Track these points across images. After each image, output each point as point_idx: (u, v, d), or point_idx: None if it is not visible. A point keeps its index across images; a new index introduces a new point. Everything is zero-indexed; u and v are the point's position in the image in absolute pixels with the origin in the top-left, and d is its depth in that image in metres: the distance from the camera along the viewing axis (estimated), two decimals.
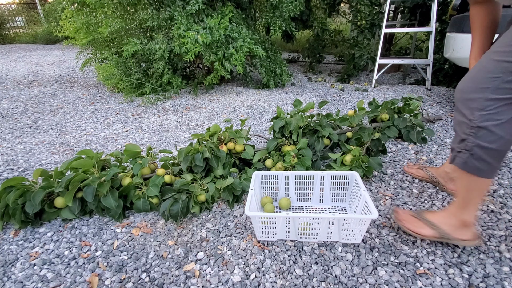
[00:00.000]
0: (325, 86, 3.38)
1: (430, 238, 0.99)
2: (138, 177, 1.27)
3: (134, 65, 3.07)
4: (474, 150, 0.82)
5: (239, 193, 1.27)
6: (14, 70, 4.48)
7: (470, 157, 0.83)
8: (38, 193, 1.14)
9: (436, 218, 1.00)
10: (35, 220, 1.16)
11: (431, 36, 2.98)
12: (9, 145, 1.98)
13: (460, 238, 0.95)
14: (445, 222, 0.97)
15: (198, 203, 1.22)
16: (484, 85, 0.77)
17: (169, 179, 1.31)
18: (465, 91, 0.81)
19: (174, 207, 1.15)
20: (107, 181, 1.19)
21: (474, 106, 0.79)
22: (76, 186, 1.16)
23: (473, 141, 0.81)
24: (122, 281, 0.91)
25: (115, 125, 2.33)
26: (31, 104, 2.90)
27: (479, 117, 0.78)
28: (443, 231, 0.96)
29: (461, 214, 0.94)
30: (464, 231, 0.95)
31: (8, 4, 9.72)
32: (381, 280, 0.88)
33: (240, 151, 1.46)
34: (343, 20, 6.74)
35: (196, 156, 1.33)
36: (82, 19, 2.95)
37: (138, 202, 1.23)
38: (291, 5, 2.90)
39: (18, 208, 1.13)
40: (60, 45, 7.82)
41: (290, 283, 0.88)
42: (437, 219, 0.99)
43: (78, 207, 1.18)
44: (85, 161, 1.23)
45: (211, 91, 3.25)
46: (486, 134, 0.79)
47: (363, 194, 1.07)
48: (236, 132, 1.49)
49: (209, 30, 2.65)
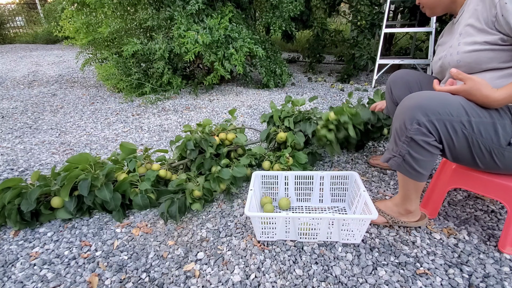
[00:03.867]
0: (325, 86, 3.38)
1: (381, 224, 1.10)
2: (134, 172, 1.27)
3: (134, 65, 3.07)
4: (406, 157, 0.89)
5: (227, 182, 1.27)
6: (14, 70, 4.48)
7: (403, 162, 0.91)
8: (34, 190, 1.15)
9: (384, 206, 1.10)
10: (31, 221, 1.16)
11: (431, 36, 2.98)
12: (9, 145, 1.98)
13: (407, 220, 1.07)
14: (392, 210, 1.08)
15: (196, 200, 1.23)
16: (438, 111, 0.82)
17: (164, 173, 1.32)
18: (421, 105, 0.84)
19: (172, 207, 1.15)
20: (102, 175, 1.20)
21: (417, 119, 0.83)
22: (72, 181, 1.15)
23: (406, 149, 0.88)
24: (122, 281, 0.91)
25: (115, 125, 2.33)
26: (31, 104, 2.90)
27: (415, 130, 0.84)
28: (391, 217, 1.08)
29: (403, 205, 1.04)
30: (410, 216, 1.06)
31: (8, 4, 9.72)
32: (381, 280, 0.88)
33: (232, 140, 1.50)
34: (343, 20, 6.74)
35: (187, 143, 1.39)
36: (82, 19, 2.95)
37: (137, 198, 1.22)
38: (291, 5, 2.90)
39: (14, 209, 1.12)
40: (60, 45, 7.83)
41: (290, 283, 0.88)
42: (385, 207, 1.10)
43: (74, 203, 1.17)
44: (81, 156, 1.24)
45: (211, 91, 3.25)
46: (417, 146, 0.86)
47: (362, 194, 1.07)
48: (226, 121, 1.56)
49: (209, 30, 2.65)
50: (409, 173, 0.91)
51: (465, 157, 0.88)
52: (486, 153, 0.84)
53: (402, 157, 0.90)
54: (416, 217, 1.07)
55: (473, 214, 1.17)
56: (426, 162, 0.88)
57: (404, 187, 0.99)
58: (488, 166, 0.88)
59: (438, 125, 0.82)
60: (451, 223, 1.12)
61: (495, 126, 0.82)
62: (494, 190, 0.94)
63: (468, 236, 1.05)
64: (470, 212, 1.18)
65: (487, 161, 0.86)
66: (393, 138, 0.92)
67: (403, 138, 0.87)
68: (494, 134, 0.82)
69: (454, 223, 1.12)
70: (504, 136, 0.82)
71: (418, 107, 0.83)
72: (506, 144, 0.82)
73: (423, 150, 0.86)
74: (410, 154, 0.88)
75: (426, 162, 0.88)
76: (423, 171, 0.90)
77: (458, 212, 1.18)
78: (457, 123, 0.82)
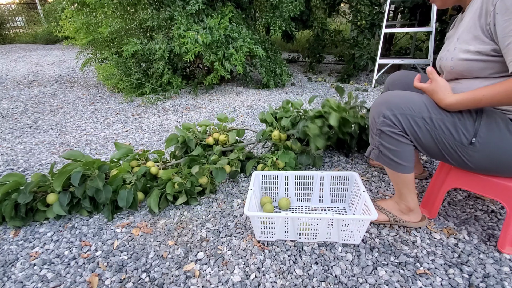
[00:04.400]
0: (325, 86, 3.38)
1: (384, 222, 1.11)
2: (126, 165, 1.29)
3: (134, 65, 3.07)
4: (380, 148, 0.97)
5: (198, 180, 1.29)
6: (14, 70, 4.48)
7: (380, 153, 0.98)
8: (30, 183, 1.16)
9: (386, 204, 1.12)
10: (26, 217, 1.16)
11: (431, 36, 2.98)
12: (9, 145, 1.98)
13: (407, 220, 1.08)
14: (393, 208, 1.10)
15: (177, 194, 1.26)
16: (401, 106, 0.90)
17: (156, 171, 1.35)
18: (386, 101, 0.93)
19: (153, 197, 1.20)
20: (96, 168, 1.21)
21: (383, 113, 0.92)
22: (66, 173, 1.16)
23: (378, 140, 0.96)
24: (122, 281, 0.91)
25: (115, 125, 2.33)
26: (31, 104, 2.90)
27: (381, 122, 0.93)
28: (393, 216, 1.09)
29: (401, 201, 1.07)
30: (411, 214, 1.08)
31: (8, 4, 9.72)
32: (381, 280, 0.88)
33: (223, 141, 1.54)
34: (343, 20, 6.74)
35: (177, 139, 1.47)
36: (82, 19, 2.95)
37: (123, 192, 1.20)
38: (291, 5, 2.90)
39: (11, 203, 1.13)
40: (60, 45, 7.83)
41: (290, 283, 0.88)
42: (387, 205, 1.12)
43: (68, 199, 1.18)
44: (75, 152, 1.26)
45: (211, 91, 3.25)
46: (386, 137, 0.94)
47: (362, 195, 1.07)
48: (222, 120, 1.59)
49: (209, 30, 2.65)
50: (389, 164, 0.98)
51: (435, 151, 0.93)
52: (452, 150, 0.89)
53: (377, 148, 0.98)
54: (418, 217, 1.08)
55: (473, 214, 1.17)
56: (401, 153, 0.94)
57: (393, 181, 1.05)
58: (459, 163, 0.92)
59: (401, 118, 0.90)
60: (451, 223, 1.12)
61: (455, 124, 0.86)
62: (493, 190, 0.94)
63: (468, 236, 1.05)
64: (470, 212, 1.18)
65: (456, 158, 0.90)
66: (370, 132, 1.01)
67: (375, 131, 0.97)
68: (455, 132, 0.86)
69: (454, 223, 1.12)
70: (465, 135, 0.86)
71: (384, 103, 0.93)
72: (467, 143, 0.86)
73: (393, 140, 0.93)
74: (383, 145, 0.96)
75: (400, 152, 0.94)
76: (401, 162, 0.95)
77: (458, 212, 1.18)
78: (418, 118, 0.89)
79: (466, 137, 0.86)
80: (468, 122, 0.85)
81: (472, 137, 0.85)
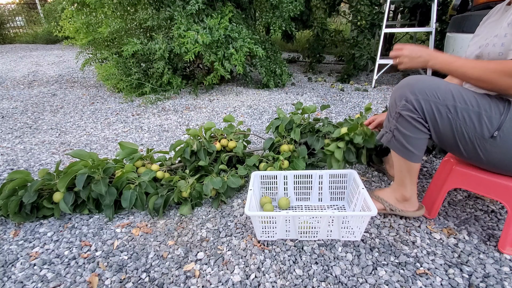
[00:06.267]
0: (325, 86, 3.38)
1: (381, 211, 1.13)
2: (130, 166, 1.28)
3: (134, 65, 3.07)
4: (395, 132, 0.94)
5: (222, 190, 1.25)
6: (14, 70, 4.48)
7: (393, 138, 0.96)
8: (35, 182, 1.16)
9: (383, 193, 1.14)
10: (30, 214, 1.17)
11: (431, 36, 2.98)
12: (9, 145, 1.98)
13: (403, 209, 1.09)
14: (389, 197, 1.11)
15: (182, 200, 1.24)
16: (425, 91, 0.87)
17: (161, 175, 1.33)
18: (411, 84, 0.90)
19: (157, 201, 1.19)
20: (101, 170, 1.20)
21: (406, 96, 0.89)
22: (71, 174, 1.16)
23: (394, 124, 0.94)
24: (122, 281, 0.91)
25: (115, 125, 2.33)
26: (31, 104, 2.90)
27: (403, 106, 0.90)
28: (389, 204, 1.11)
29: (400, 190, 1.07)
30: (407, 204, 1.09)
31: (8, 4, 9.72)
32: (381, 280, 0.88)
33: (232, 148, 1.47)
34: (343, 20, 6.74)
35: (185, 149, 1.39)
36: (82, 19, 2.95)
37: (127, 192, 1.20)
38: (291, 5, 2.90)
39: (16, 200, 1.14)
40: (60, 45, 7.82)
41: (290, 283, 0.88)
42: (384, 194, 1.13)
43: (72, 199, 1.18)
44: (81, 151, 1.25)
45: (211, 91, 3.25)
46: (404, 121, 0.91)
47: (362, 192, 1.07)
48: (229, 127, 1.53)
49: (209, 30, 2.65)
50: (399, 149, 0.95)
51: (450, 142, 0.90)
52: (469, 141, 0.87)
53: (392, 132, 0.96)
54: (414, 207, 1.09)
55: (473, 214, 1.16)
56: (415, 140, 0.92)
57: (397, 169, 1.03)
58: (471, 156, 0.90)
59: (424, 104, 0.87)
60: (451, 223, 1.12)
61: (480, 116, 0.84)
62: (494, 190, 0.94)
63: (468, 236, 1.05)
64: (470, 212, 1.18)
65: (470, 150, 0.88)
66: (387, 115, 0.98)
67: (393, 114, 0.94)
68: (478, 123, 0.84)
69: (454, 223, 1.12)
70: (488, 128, 0.83)
71: (408, 86, 0.90)
72: (489, 136, 0.84)
73: (410, 125, 0.90)
74: (398, 129, 0.93)
75: (414, 139, 0.92)
76: (412, 149, 0.93)
77: (458, 212, 1.18)
78: (442, 106, 0.86)
79: (488, 130, 0.83)
80: (494, 115, 0.82)
81: (495, 130, 0.82)
